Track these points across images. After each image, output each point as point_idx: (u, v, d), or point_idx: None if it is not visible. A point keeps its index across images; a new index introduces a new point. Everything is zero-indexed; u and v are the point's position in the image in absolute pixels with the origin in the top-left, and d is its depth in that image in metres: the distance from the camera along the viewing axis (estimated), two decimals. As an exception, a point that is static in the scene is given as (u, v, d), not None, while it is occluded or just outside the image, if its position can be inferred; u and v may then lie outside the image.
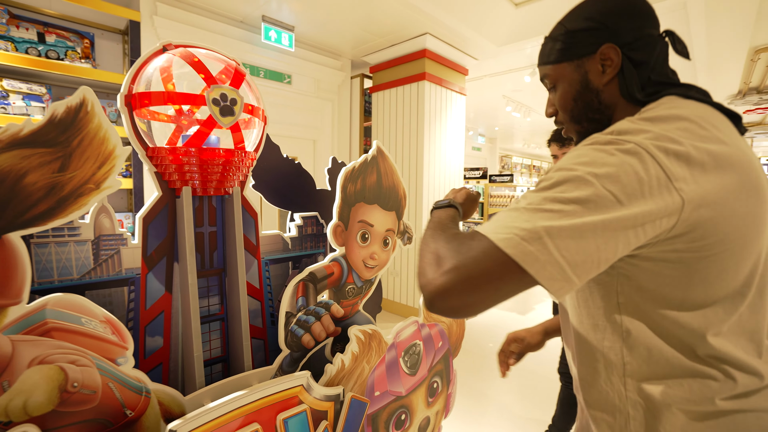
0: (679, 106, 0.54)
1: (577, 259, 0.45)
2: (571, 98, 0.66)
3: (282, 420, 0.79)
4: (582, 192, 0.46)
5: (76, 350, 0.64)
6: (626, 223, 0.46)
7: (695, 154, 0.48)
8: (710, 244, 0.48)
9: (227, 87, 0.80)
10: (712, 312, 0.51)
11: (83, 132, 0.64)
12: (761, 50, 4.15)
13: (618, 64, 0.61)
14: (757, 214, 0.50)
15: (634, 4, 0.60)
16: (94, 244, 0.76)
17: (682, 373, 0.53)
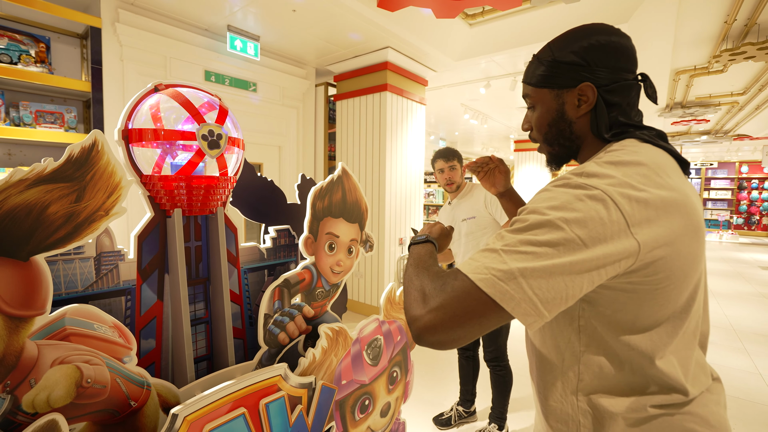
0: (639, 151, 0.61)
1: (548, 296, 0.52)
2: (547, 123, 0.73)
3: (264, 404, 0.94)
4: (552, 236, 0.52)
5: (90, 351, 0.76)
6: (590, 265, 0.52)
7: (652, 199, 0.54)
8: (660, 278, 0.56)
9: (214, 124, 0.94)
10: (657, 335, 0.59)
11: (95, 168, 0.76)
12: (680, 72, 4.73)
13: (592, 103, 0.67)
14: (696, 252, 0.59)
15: (618, 48, 0.65)
16: (96, 260, 0.88)
17: (628, 388, 0.61)
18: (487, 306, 0.53)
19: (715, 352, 3.29)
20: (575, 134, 0.71)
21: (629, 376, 0.61)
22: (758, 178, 12.60)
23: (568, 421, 0.66)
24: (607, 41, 0.66)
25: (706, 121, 7.15)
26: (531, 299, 0.52)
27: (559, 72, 0.68)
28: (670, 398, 0.60)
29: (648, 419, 0.60)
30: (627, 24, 3.03)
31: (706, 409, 0.61)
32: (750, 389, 2.69)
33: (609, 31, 0.67)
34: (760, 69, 4.69)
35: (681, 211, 0.56)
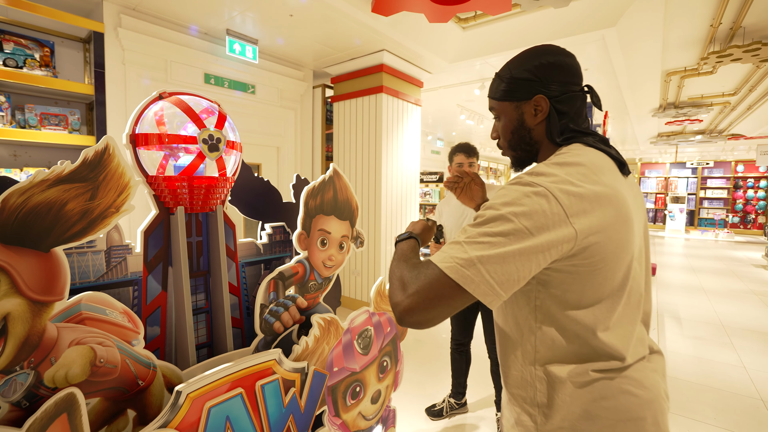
0: (581, 153, 0.71)
1: (502, 278, 0.61)
2: (510, 131, 0.83)
3: (260, 386, 1.03)
4: (504, 227, 0.62)
5: (102, 334, 0.85)
6: (536, 249, 0.62)
7: (587, 194, 0.64)
8: (596, 260, 0.65)
9: (213, 129, 1.03)
10: (598, 310, 0.68)
11: (107, 169, 0.85)
12: (671, 73, 4.82)
13: (546, 112, 0.78)
14: (627, 238, 0.68)
15: (564, 66, 0.77)
16: (106, 253, 0.96)
17: (575, 357, 0.70)
18: (453, 289, 0.63)
19: (703, 347, 3.38)
20: (534, 140, 0.82)
21: (576, 347, 0.70)
22: (753, 177, 12.70)
23: (526, 387, 0.76)
24: (555, 60, 0.77)
25: (700, 121, 7.24)
26: (488, 281, 0.62)
27: (516, 87, 0.80)
28: (609, 364, 0.69)
29: (590, 382, 0.69)
30: (615, 28, 3.12)
31: (641, 373, 0.70)
32: (734, 382, 2.78)
33: (557, 51, 0.79)
34: (749, 70, 4.78)
35: (612, 204, 0.66)
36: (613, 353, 0.69)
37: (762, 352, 3.28)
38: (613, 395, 0.69)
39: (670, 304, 4.68)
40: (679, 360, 3.13)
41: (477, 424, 2.25)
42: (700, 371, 2.94)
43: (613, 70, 4.23)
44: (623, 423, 0.68)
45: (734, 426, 2.25)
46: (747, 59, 3.88)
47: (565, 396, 0.70)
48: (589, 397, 0.69)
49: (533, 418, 0.74)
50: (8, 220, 0.72)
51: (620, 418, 0.68)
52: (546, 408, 0.72)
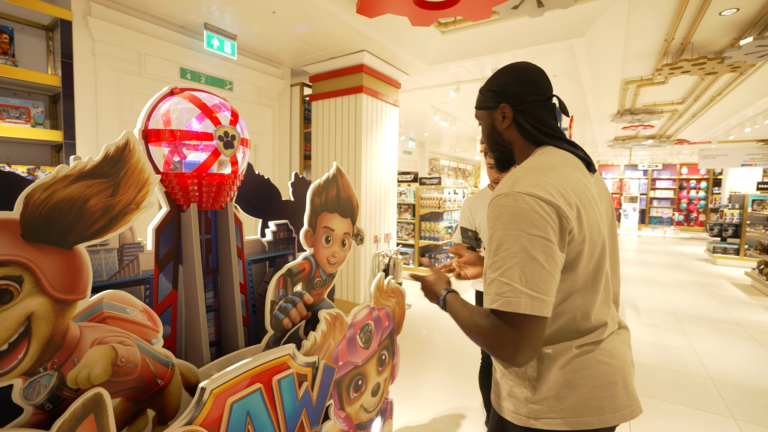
0: (552, 155, 0.84)
1: (541, 285, 0.69)
2: (486, 135, 0.98)
3: (276, 380, 1.04)
4: (526, 244, 0.70)
5: (123, 333, 0.84)
6: (556, 249, 0.71)
7: (559, 186, 0.75)
8: (578, 242, 0.75)
9: (228, 126, 1.03)
10: (587, 294, 0.78)
11: (128, 165, 0.83)
12: (629, 82, 5.19)
13: (511, 117, 0.90)
14: (598, 224, 0.79)
15: (527, 79, 0.89)
16: (119, 252, 0.94)
17: (563, 337, 0.80)
18: (519, 321, 0.70)
19: (659, 334, 3.68)
20: (506, 142, 0.95)
21: (566, 329, 0.80)
22: (696, 179, 13.86)
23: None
24: (520, 75, 0.90)
25: (651, 127, 7.82)
26: (534, 296, 0.70)
27: (487, 98, 0.94)
28: (588, 339, 0.80)
29: (573, 357, 0.80)
30: (583, 38, 3.33)
31: (611, 345, 0.83)
32: (686, 363, 3.05)
33: (523, 68, 0.91)
34: (695, 82, 5.24)
35: (581, 199, 0.77)
36: (592, 330, 0.80)
37: (709, 336, 3.62)
38: (590, 366, 0.79)
39: (629, 295, 5.04)
40: (640, 346, 3.39)
41: (464, 414, 2.34)
42: (657, 355, 3.20)
43: (579, 77, 4.49)
44: (599, 388, 0.79)
45: (688, 402, 2.48)
46: (694, 72, 4.25)
47: (552, 370, 0.80)
48: (571, 368, 0.79)
49: (524, 390, 0.83)
50: (32, 216, 0.70)
51: (596, 384, 0.79)
52: (535, 381, 0.81)
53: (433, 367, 2.94)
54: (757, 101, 5.83)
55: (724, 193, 10.81)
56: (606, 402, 0.79)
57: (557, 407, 0.79)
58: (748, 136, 8.91)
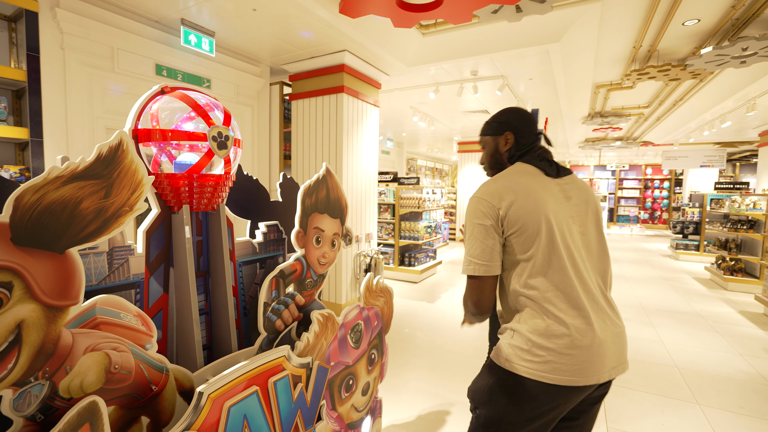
0: (517, 168, 1.15)
1: (487, 255, 1.05)
2: (489, 155, 1.26)
3: (272, 382, 1.04)
4: (473, 229, 1.07)
5: (117, 339, 0.81)
6: (490, 228, 1.05)
7: (500, 187, 1.08)
8: (518, 227, 1.04)
9: (222, 126, 1.01)
10: (526, 264, 1.04)
11: (121, 165, 0.81)
12: (600, 86, 5.41)
13: (512, 142, 1.20)
14: (536, 211, 1.04)
15: (523, 117, 1.20)
16: (108, 255, 0.91)
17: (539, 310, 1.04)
18: (472, 280, 1.08)
19: (630, 327, 3.87)
20: (502, 160, 1.23)
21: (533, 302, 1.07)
22: (659, 179, 14.59)
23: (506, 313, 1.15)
24: (521, 115, 1.21)
25: (620, 129, 8.18)
26: (481, 264, 1.06)
27: (494, 127, 1.23)
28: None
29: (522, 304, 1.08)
30: (558, 43, 3.45)
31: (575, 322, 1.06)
32: (654, 354, 3.23)
33: (523, 110, 1.22)
34: (660, 87, 5.53)
35: (518, 191, 1.06)
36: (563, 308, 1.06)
37: (674, 328, 3.84)
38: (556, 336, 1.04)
39: (600, 291, 5.26)
40: (612, 339, 3.55)
41: (449, 410, 2.38)
42: (629, 348, 3.37)
43: (553, 80, 4.65)
44: (561, 355, 1.00)
45: (658, 390, 2.63)
46: (659, 77, 4.49)
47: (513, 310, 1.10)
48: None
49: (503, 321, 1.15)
50: (22, 219, 0.67)
51: (560, 351, 1.02)
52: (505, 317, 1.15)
53: (416, 365, 2.98)
54: (714, 106, 6.21)
55: (685, 193, 11.44)
56: (567, 366, 0.96)
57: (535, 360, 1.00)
58: (707, 139, 9.47)
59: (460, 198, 9.47)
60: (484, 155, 1.28)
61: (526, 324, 1.02)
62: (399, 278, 5.85)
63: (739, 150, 10.94)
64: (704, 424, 2.24)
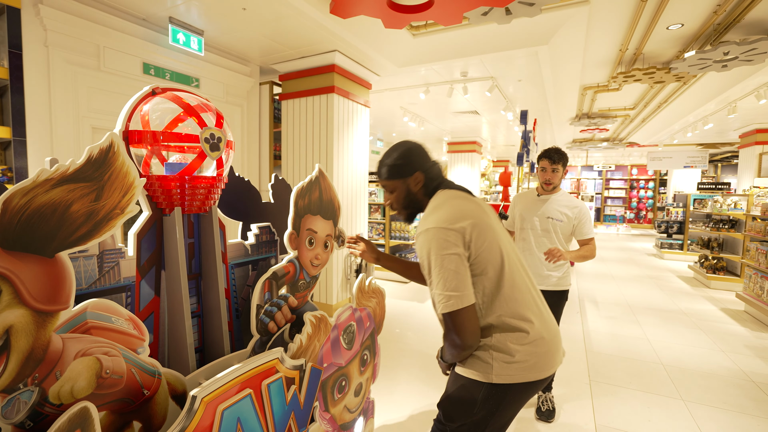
0: (444, 195, 1.18)
1: (461, 285, 1.02)
2: (403, 198, 1.24)
3: (266, 385, 1.03)
4: (440, 262, 1.03)
5: (108, 344, 0.80)
6: (460, 255, 1.04)
7: (456, 213, 1.08)
8: (479, 254, 1.06)
9: (214, 128, 1.01)
10: (483, 281, 1.07)
11: (112, 168, 0.80)
12: (587, 88, 5.50)
13: (423, 180, 1.21)
14: (491, 238, 1.09)
15: (422, 152, 1.23)
16: (99, 258, 0.90)
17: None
18: (454, 316, 1.02)
19: (616, 325, 3.95)
20: (417, 198, 1.24)
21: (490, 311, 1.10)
22: (644, 179, 14.90)
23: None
24: (419, 151, 1.23)
25: (606, 130, 8.33)
26: (460, 296, 1.02)
27: (399, 170, 1.21)
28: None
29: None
30: (547, 45, 3.50)
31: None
32: (641, 351, 3.30)
33: (418, 145, 1.24)
34: (645, 90, 5.64)
35: (468, 215, 1.09)
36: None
37: (659, 326, 3.93)
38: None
39: (588, 289, 5.35)
40: (599, 337, 3.62)
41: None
42: (615, 345, 3.43)
43: (542, 82, 4.71)
44: (528, 356, 1.07)
45: (645, 387, 2.69)
46: (645, 80, 4.59)
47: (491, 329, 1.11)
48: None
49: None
50: (11, 223, 0.66)
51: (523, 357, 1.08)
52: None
53: (407, 365, 2.99)
54: (697, 108, 6.37)
55: (669, 193, 11.70)
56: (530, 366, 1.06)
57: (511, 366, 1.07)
58: (690, 140, 9.71)
59: (451, 198, 9.54)
60: (395, 198, 1.25)
61: (501, 336, 1.06)
62: (389, 278, 5.86)
63: (720, 151, 11.24)
64: (689, 419, 2.30)
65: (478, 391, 1.07)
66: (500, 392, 1.06)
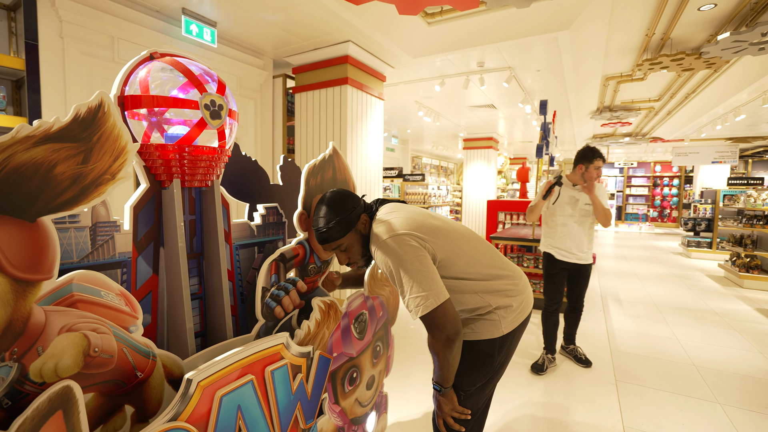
0: (383, 211, 1.19)
1: (433, 284, 1.04)
2: (360, 247, 1.19)
3: (270, 371, 0.96)
4: (407, 268, 1.05)
5: (97, 320, 0.74)
6: (425, 256, 1.08)
7: (408, 222, 1.12)
8: (436, 243, 1.13)
9: (215, 94, 0.94)
10: (448, 261, 1.13)
11: (101, 129, 0.74)
12: (610, 78, 5.28)
13: (367, 219, 1.19)
14: (437, 226, 1.16)
15: (352, 195, 1.18)
16: (91, 230, 0.84)
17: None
18: (433, 315, 1.04)
19: (642, 324, 3.75)
20: (365, 237, 1.19)
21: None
22: (669, 176, 14.36)
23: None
24: (350, 197, 1.17)
25: (629, 124, 8.03)
26: (434, 294, 1.04)
27: (346, 223, 1.14)
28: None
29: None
30: (568, 31, 3.35)
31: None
32: (670, 351, 3.11)
33: (346, 192, 1.18)
34: (672, 79, 5.39)
35: (411, 218, 1.15)
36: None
37: (689, 325, 3.72)
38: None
39: (611, 288, 5.14)
40: (624, 336, 3.44)
41: (457, 407, 2.29)
42: (642, 344, 3.25)
43: (562, 71, 4.54)
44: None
45: (675, 388, 2.52)
46: (672, 67, 4.36)
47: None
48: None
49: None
50: (-14, 181, 0.60)
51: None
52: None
53: (422, 361, 2.89)
54: (728, 99, 6.05)
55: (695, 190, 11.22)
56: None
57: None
58: (719, 134, 9.27)
59: (466, 194, 9.37)
60: (354, 253, 1.19)
61: (497, 298, 1.16)
62: (404, 275, 5.76)
63: (752, 146, 10.73)
64: (727, 424, 2.13)
65: (492, 347, 1.18)
66: (509, 337, 1.19)
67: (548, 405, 2.31)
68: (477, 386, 1.22)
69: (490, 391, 1.30)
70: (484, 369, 1.20)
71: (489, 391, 1.29)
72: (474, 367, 1.20)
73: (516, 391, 2.47)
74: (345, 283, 1.55)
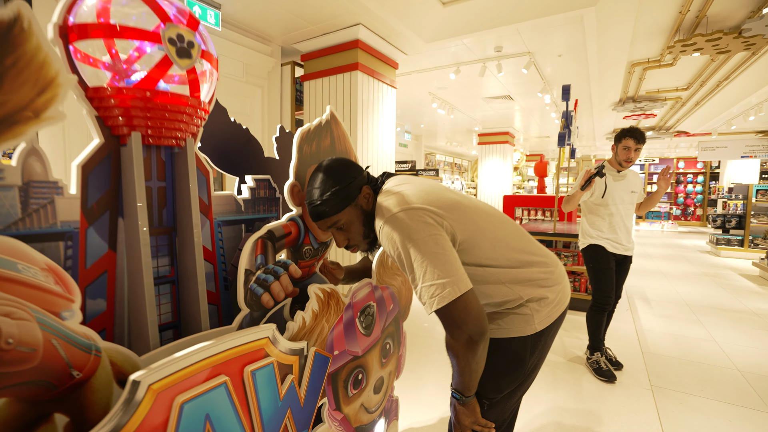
0: (393, 182, 1.01)
1: (452, 270, 0.85)
2: (360, 225, 0.99)
3: (250, 372, 0.77)
4: (426, 246, 0.85)
5: (12, 301, 0.56)
6: (446, 236, 0.89)
7: (424, 195, 0.93)
8: (457, 220, 0.94)
9: (184, 28, 0.76)
10: (471, 246, 0.94)
11: (18, 51, 0.56)
12: (636, 64, 4.97)
13: (370, 193, 1.00)
14: (461, 203, 0.97)
15: (354, 164, 1.01)
16: (22, 190, 0.66)
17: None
18: (451, 307, 0.84)
19: (675, 324, 3.46)
20: (370, 215, 1.00)
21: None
22: (692, 173, 13.76)
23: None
24: (347, 164, 0.99)
25: (654, 116, 7.64)
26: (454, 282, 0.84)
27: (344, 195, 0.95)
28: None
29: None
30: (594, 8, 3.09)
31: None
32: (709, 355, 2.83)
33: (343, 160, 1.00)
34: (703, 64, 5.04)
35: (433, 192, 0.96)
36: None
37: (727, 327, 3.41)
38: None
39: (637, 286, 4.83)
40: (657, 337, 3.17)
41: (474, 412, 2.08)
42: (677, 347, 2.98)
43: (585, 57, 4.26)
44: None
45: (720, 396, 2.25)
46: (707, 49, 4.04)
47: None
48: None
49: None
50: None
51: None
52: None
53: (436, 362, 2.69)
54: (762, 87, 5.66)
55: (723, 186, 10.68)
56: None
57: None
58: (750, 126, 8.78)
59: (481, 190, 9.11)
60: (354, 232, 1.00)
61: (529, 289, 0.97)
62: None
63: (784, 139, 10.14)
64: (786, 438, 1.87)
65: (524, 347, 0.99)
66: (544, 334, 1.01)
67: (577, 412, 2.08)
68: (504, 393, 1.02)
69: (518, 399, 1.10)
70: (513, 373, 1.00)
71: (517, 399, 1.09)
72: (501, 370, 1.00)
73: (539, 395, 2.24)
74: (350, 278, 1.33)
